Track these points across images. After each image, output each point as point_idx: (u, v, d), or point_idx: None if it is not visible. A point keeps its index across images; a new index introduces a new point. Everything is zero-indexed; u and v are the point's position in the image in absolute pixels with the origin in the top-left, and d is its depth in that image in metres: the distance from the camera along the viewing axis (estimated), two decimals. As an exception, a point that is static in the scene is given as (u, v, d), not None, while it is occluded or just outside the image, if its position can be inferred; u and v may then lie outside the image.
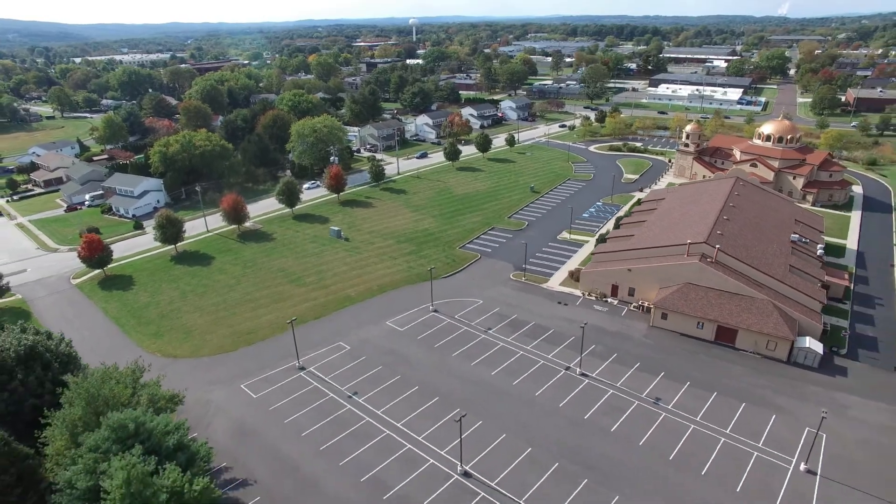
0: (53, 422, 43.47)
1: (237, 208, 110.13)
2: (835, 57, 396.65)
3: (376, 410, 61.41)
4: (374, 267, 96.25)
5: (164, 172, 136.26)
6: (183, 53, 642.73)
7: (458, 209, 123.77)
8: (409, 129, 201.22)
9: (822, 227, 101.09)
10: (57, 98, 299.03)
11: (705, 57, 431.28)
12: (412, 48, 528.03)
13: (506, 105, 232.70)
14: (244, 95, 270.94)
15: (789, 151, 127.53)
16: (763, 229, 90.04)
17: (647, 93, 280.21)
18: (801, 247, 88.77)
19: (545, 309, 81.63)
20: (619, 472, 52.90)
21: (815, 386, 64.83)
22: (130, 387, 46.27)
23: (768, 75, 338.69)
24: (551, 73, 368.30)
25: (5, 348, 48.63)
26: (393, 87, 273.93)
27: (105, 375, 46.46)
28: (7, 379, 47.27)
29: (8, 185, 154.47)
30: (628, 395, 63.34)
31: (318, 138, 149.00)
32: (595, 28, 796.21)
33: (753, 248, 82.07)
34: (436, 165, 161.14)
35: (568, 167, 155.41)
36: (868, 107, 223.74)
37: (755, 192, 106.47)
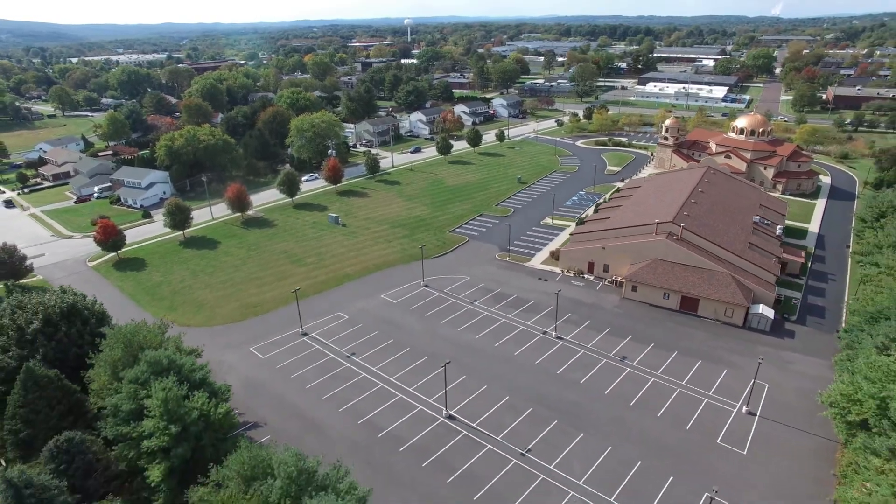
0: (97, 362, 51.07)
1: (241, 197, 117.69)
2: (821, 56, 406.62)
3: (372, 367, 69.18)
4: (370, 249, 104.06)
5: (169, 165, 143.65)
6: (179, 54, 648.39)
7: (448, 198, 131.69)
8: (403, 125, 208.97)
9: (785, 212, 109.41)
10: (58, 97, 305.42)
11: (695, 56, 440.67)
12: (407, 48, 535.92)
13: (497, 103, 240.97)
14: (242, 94, 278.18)
15: (761, 144, 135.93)
16: (728, 212, 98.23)
17: (635, 91, 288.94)
18: (762, 228, 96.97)
19: (527, 284, 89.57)
20: (586, 415, 60.81)
21: (765, 346, 72.92)
22: (159, 336, 53.90)
23: (755, 74, 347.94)
24: (543, 73, 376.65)
25: (50, 305, 56.15)
26: (388, 86, 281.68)
27: (137, 327, 54.08)
28: (53, 331, 54.77)
29: (18, 179, 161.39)
30: (597, 355, 71.28)
31: (317, 133, 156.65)
32: (589, 28, 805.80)
33: (717, 228, 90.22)
34: (429, 159, 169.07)
35: (554, 160, 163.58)
36: (846, 104, 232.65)
37: (724, 179, 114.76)
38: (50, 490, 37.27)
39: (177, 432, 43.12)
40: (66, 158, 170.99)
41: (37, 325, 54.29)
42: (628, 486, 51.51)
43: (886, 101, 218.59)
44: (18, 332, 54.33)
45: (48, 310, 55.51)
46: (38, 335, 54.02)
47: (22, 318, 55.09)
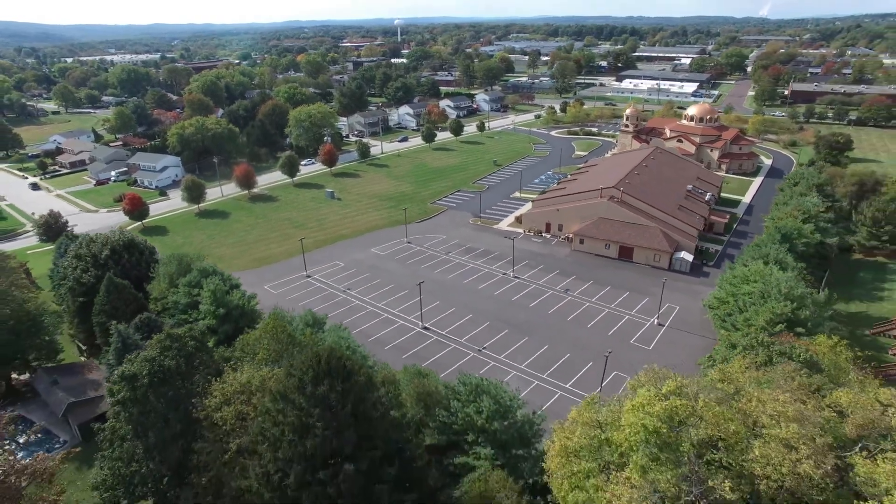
0: (157, 275, 68.51)
1: (248, 175, 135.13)
2: (794, 56, 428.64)
3: (364, 298, 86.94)
4: (362, 216, 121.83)
5: (180, 151, 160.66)
6: (172, 54, 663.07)
7: (431, 178, 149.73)
8: (392, 118, 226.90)
9: (719, 184, 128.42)
10: (61, 94, 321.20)
11: (674, 55, 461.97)
12: (397, 48, 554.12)
13: (480, 98, 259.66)
14: (240, 91, 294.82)
15: (708, 129, 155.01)
16: (665, 181, 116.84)
17: (612, 87, 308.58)
18: (693, 195, 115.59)
19: (494, 241, 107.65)
20: (531, 326, 78.82)
21: (683, 282, 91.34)
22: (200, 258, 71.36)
23: (728, 72, 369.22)
24: (527, 71, 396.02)
25: (114, 239, 73.44)
26: (378, 83, 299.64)
27: (182, 253, 71.53)
28: (118, 257, 71.90)
29: (38, 166, 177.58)
30: (546, 288, 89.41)
31: (313, 123, 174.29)
32: (576, 29, 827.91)
33: (652, 193, 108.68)
34: (415, 147, 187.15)
35: (529, 147, 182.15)
36: (803, 98, 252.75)
37: (668, 157, 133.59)
38: (139, 345, 54.52)
39: (222, 314, 60.65)
40: (82, 148, 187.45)
41: (107, 252, 71.56)
42: (557, 368, 69.49)
43: (838, 95, 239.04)
44: (93, 258, 71.53)
45: (113, 242, 72.81)
46: (108, 260, 71.26)
47: (95, 247, 72.34)
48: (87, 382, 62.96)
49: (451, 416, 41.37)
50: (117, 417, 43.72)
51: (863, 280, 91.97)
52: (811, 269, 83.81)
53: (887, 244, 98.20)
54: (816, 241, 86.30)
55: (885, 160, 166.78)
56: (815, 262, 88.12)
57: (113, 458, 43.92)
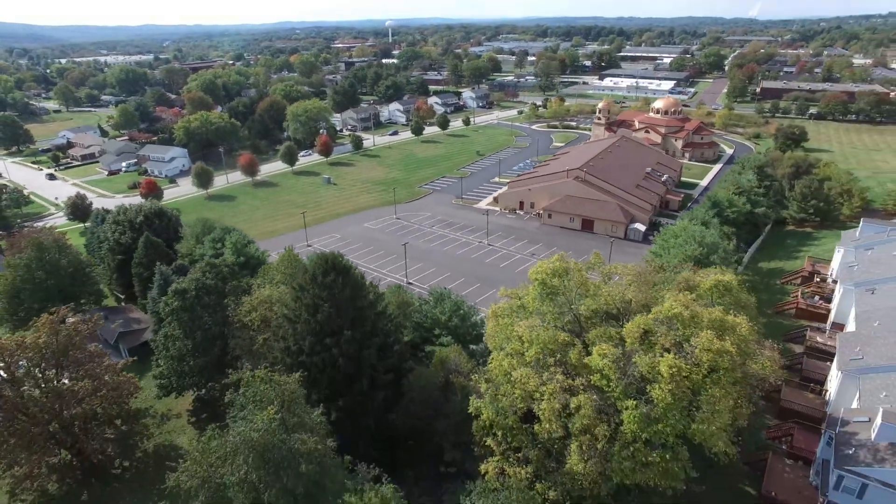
0: (184, 234, 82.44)
1: (252, 163, 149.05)
2: (772, 55, 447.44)
3: (357, 261, 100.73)
4: (356, 198, 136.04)
5: (186, 143, 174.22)
6: (165, 55, 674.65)
7: (419, 166, 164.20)
8: (383, 114, 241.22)
9: (678, 169, 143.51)
10: (62, 94, 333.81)
11: (657, 55, 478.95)
12: (388, 49, 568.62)
13: (467, 95, 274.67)
14: (237, 90, 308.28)
15: (673, 120, 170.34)
16: (626, 165, 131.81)
17: (593, 85, 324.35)
18: (652, 176, 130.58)
19: (473, 217, 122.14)
20: (500, 280, 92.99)
21: (634, 248, 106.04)
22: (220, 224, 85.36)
23: (707, 70, 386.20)
24: (514, 70, 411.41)
25: (146, 207, 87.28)
26: (370, 82, 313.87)
27: (205, 217, 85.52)
28: (150, 223, 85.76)
29: (52, 159, 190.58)
30: (516, 253, 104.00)
31: (309, 117, 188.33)
32: (565, 29, 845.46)
33: (613, 174, 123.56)
34: (404, 139, 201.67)
35: (510, 139, 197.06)
36: (772, 95, 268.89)
37: (632, 144, 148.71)
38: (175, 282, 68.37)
39: (242, 262, 74.64)
40: (91, 142, 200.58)
41: (140, 218, 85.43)
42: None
43: (802, 93, 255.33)
44: (129, 223, 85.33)
45: (146, 210, 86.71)
46: (142, 225, 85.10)
47: (130, 214, 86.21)
48: (129, 319, 76.88)
49: (423, 317, 55.75)
50: (170, 325, 57.66)
51: (789, 245, 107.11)
52: (742, 234, 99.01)
53: (813, 216, 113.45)
54: (746, 210, 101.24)
55: (836, 150, 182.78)
56: (746, 228, 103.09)
57: (168, 357, 57.93)
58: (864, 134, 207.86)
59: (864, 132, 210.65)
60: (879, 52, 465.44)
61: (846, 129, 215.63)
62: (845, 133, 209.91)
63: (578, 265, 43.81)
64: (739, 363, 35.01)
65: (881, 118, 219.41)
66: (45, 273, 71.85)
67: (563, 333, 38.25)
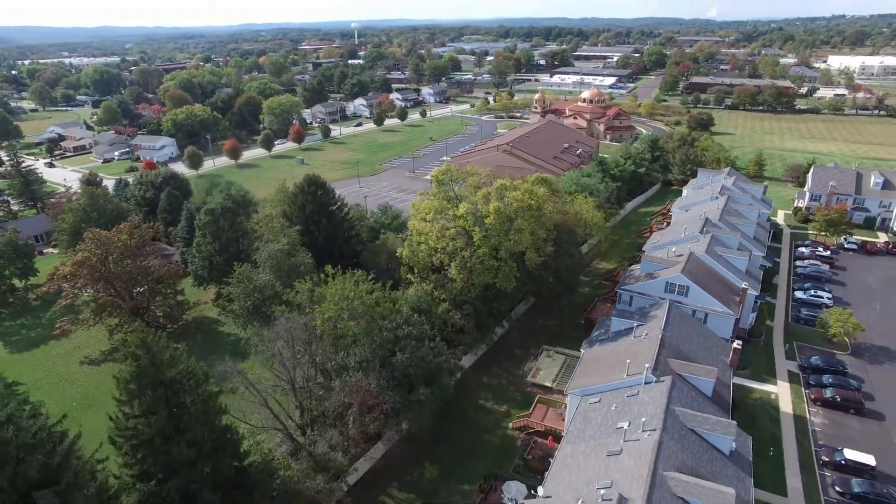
0: (195, 190, 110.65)
1: (236, 148, 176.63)
2: (714, 54, 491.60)
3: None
4: (325, 174, 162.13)
5: (174, 133, 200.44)
6: (131, 57, 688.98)
7: (380, 150, 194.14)
8: (349, 109, 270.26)
9: (594, 145, 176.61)
10: (38, 94, 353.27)
11: (609, 54, 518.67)
12: (354, 50, 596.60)
13: (426, 91, 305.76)
14: (211, 89, 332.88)
15: (596, 108, 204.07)
16: (547, 142, 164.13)
17: (544, 82, 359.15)
18: (569, 151, 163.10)
19: (423, 185, 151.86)
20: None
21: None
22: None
23: (651, 68, 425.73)
24: (473, 70, 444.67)
25: (163, 172, 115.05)
26: (336, 81, 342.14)
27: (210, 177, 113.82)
28: (167, 182, 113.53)
29: (47, 150, 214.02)
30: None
31: (283, 110, 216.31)
32: (526, 30, 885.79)
33: (535, 148, 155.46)
34: (368, 130, 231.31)
35: (461, 127, 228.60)
36: (698, 89, 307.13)
37: (556, 127, 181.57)
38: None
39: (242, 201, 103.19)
40: (82, 135, 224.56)
41: (160, 179, 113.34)
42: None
43: (723, 87, 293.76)
44: (150, 183, 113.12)
45: (163, 174, 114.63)
46: (161, 184, 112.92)
47: (151, 177, 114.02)
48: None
49: (374, 222, 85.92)
50: (203, 235, 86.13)
51: (668, 197, 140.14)
52: (627, 188, 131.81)
53: (691, 177, 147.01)
54: (630, 170, 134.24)
55: (737, 133, 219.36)
56: (631, 184, 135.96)
57: (201, 256, 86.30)
58: (765, 121, 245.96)
59: (766, 119, 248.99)
60: (807, 52, 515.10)
61: (752, 117, 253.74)
62: (750, 120, 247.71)
63: (456, 168, 74.39)
64: (536, 207, 66.22)
65: (781, 108, 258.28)
66: (97, 214, 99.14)
67: (445, 203, 68.93)
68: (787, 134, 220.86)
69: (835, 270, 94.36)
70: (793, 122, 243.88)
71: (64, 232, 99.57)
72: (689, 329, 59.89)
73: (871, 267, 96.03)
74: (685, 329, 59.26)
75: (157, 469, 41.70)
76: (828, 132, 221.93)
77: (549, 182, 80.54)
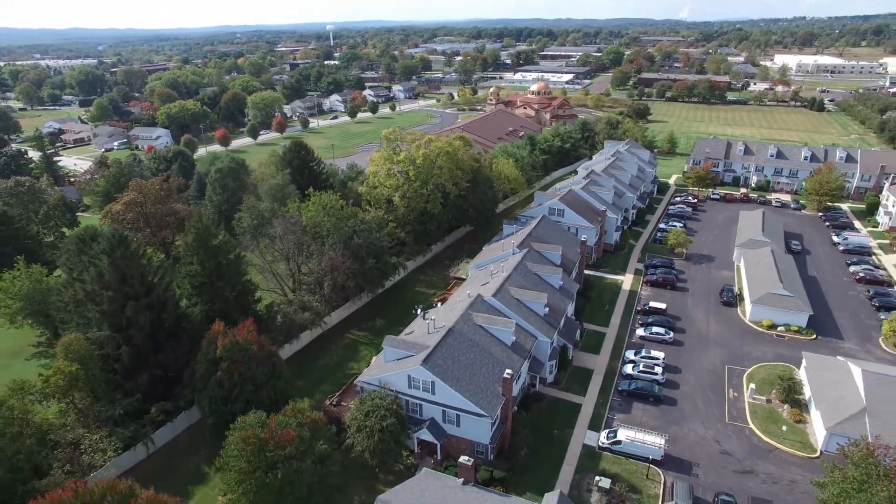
0: (200, 162, 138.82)
1: (226, 136, 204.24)
2: (671, 53, 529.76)
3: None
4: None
5: (168, 125, 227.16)
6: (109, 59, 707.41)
7: (353, 137, 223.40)
8: (325, 104, 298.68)
9: (538, 130, 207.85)
10: (26, 93, 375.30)
11: (572, 53, 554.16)
12: (329, 52, 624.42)
13: (396, 88, 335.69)
14: (195, 88, 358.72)
15: (543, 99, 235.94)
16: (496, 126, 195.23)
17: (508, 79, 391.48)
18: (514, 133, 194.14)
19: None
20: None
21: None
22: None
23: (609, 65, 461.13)
24: (443, 69, 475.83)
25: (172, 148, 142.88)
26: (313, 79, 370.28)
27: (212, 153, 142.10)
28: (175, 156, 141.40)
29: (49, 142, 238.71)
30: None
31: (266, 104, 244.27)
32: (498, 31, 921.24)
33: (485, 131, 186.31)
34: (342, 122, 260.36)
35: (426, 119, 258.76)
36: (646, 84, 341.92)
37: (505, 115, 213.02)
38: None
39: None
40: (80, 129, 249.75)
41: (170, 154, 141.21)
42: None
43: (666, 82, 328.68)
44: (162, 157, 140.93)
45: (173, 150, 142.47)
46: (171, 158, 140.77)
47: (162, 153, 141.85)
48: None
49: (345, 178, 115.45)
50: (213, 189, 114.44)
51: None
52: (555, 160, 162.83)
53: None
54: (557, 146, 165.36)
55: (670, 121, 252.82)
56: (559, 157, 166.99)
57: (211, 205, 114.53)
58: (698, 111, 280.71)
59: (700, 109, 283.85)
60: (758, 51, 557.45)
61: (688, 108, 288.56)
62: (686, 110, 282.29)
63: (399, 130, 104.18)
64: (451, 152, 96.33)
65: (714, 100, 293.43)
66: (125, 179, 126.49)
67: (392, 153, 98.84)
68: (715, 121, 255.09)
69: (696, 212, 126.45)
70: (722, 111, 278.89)
71: (98, 194, 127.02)
72: (556, 231, 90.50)
73: (724, 210, 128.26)
74: (552, 231, 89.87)
75: (207, 299, 70.71)
76: (749, 120, 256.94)
77: (466, 140, 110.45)
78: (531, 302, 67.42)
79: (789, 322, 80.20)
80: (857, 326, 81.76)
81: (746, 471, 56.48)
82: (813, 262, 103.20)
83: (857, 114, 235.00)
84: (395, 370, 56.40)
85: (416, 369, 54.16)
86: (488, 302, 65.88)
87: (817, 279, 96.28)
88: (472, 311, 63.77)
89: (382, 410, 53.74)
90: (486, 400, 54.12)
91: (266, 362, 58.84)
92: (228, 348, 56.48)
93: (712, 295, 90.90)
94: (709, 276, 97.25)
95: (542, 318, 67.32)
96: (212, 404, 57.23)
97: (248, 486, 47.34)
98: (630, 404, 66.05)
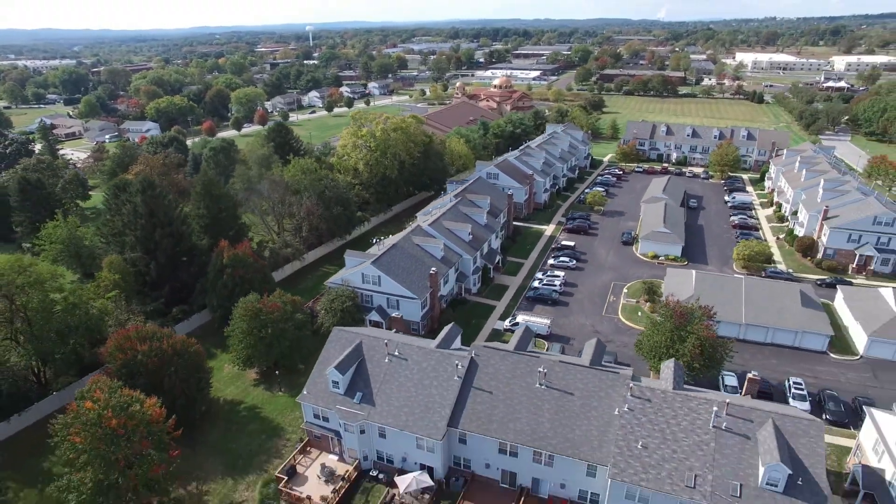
0: (191, 147, 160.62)
1: (212, 128, 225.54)
2: (639, 51, 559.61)
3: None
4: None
5: (157, 119, 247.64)
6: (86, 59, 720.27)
7: (329, 129, 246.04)
8: (304, 100, 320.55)
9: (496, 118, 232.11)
10: (11, 92, 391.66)
11: (543, 52, 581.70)
12: (309, 52, 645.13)
13: (372, 85, 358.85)
14: (178, 87, 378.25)
15: (504, 92, 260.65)
16: (458, 116, 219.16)
17: (479, 77, 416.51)
18: (473, 122, 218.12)
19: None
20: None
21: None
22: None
23: (577, 63, 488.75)
24: (418, 67, 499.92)
25: (168, 134, 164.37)
26: (293, 78, 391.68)
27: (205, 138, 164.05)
28: (172, 141, 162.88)
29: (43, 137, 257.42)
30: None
31: (249, 99, 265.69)
32: (475, 31, 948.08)
33: (447, 121, 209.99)
34: (320, 116, 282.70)
35: (398, 112, 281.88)
36: (607, 79, 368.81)
37: (468, 106, 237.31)
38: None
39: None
40: (72, 124, 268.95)
41: (167, 139, 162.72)
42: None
43: (625, 78, 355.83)
44: (160, 142, 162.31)
45: (169, 135, 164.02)
46: (168, 143, 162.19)
47: (159, 138, 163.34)
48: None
49: (319, 153, 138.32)
50: (208, 164, 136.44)
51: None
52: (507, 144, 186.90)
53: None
54: (509, 131, 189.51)
55: (623, 112, 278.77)
56: (510, 141, 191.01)
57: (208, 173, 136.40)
58: (652, 103, 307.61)
59: (653, 102, 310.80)
60: (722, 49, 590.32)
61: (642, 101, 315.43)
62: (640, 103, 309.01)
63: (363, 111, 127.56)
64: (404, 128, 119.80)
65: (665, 93, 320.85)
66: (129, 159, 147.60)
67: (357, 129, 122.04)
68: (665, 112, 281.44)
69: (620, 182, 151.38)
70: (674, 104, 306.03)
71: (105, 172, 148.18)
72: (489, 188, 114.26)
73: (644, 180, 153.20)
74: (486, 188, 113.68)
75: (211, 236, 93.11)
76: (696, 111, 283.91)
77: (419, 119, 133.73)
78: (458, 230, 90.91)
79: (668, 252, 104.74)
80: (720, 256, 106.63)
81: (608, 341, 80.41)
82: (705, 215, 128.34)
83: (787, 105, 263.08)
84: (352, 272, 79.49)
85: (368, 267, 77.36)
86: (425, 229, 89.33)
87: (703, 227, 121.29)
88: (413, 235, 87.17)
89: (343, 297, 76.82)
90: (417, 289, 77.41)
91: (259, 271, 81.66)
92: (232, 258, 79.19)
93: (616, 238, 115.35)
94: (617, 226, 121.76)
95: (467, 242, 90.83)
96: (219, 300, 79.77)
97: (248, 341, 70.15)
98: (533, 305, 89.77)
